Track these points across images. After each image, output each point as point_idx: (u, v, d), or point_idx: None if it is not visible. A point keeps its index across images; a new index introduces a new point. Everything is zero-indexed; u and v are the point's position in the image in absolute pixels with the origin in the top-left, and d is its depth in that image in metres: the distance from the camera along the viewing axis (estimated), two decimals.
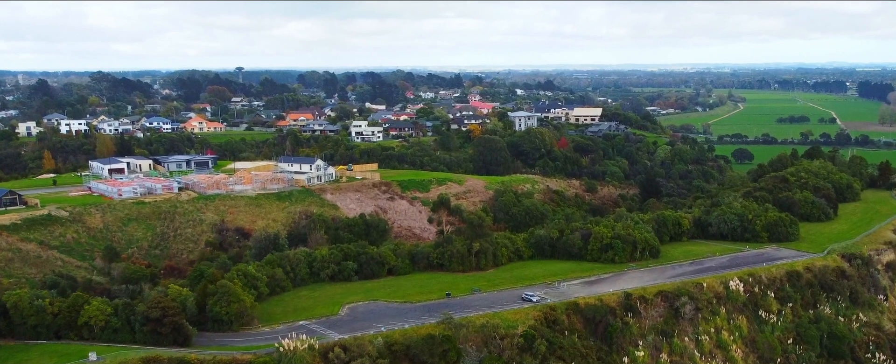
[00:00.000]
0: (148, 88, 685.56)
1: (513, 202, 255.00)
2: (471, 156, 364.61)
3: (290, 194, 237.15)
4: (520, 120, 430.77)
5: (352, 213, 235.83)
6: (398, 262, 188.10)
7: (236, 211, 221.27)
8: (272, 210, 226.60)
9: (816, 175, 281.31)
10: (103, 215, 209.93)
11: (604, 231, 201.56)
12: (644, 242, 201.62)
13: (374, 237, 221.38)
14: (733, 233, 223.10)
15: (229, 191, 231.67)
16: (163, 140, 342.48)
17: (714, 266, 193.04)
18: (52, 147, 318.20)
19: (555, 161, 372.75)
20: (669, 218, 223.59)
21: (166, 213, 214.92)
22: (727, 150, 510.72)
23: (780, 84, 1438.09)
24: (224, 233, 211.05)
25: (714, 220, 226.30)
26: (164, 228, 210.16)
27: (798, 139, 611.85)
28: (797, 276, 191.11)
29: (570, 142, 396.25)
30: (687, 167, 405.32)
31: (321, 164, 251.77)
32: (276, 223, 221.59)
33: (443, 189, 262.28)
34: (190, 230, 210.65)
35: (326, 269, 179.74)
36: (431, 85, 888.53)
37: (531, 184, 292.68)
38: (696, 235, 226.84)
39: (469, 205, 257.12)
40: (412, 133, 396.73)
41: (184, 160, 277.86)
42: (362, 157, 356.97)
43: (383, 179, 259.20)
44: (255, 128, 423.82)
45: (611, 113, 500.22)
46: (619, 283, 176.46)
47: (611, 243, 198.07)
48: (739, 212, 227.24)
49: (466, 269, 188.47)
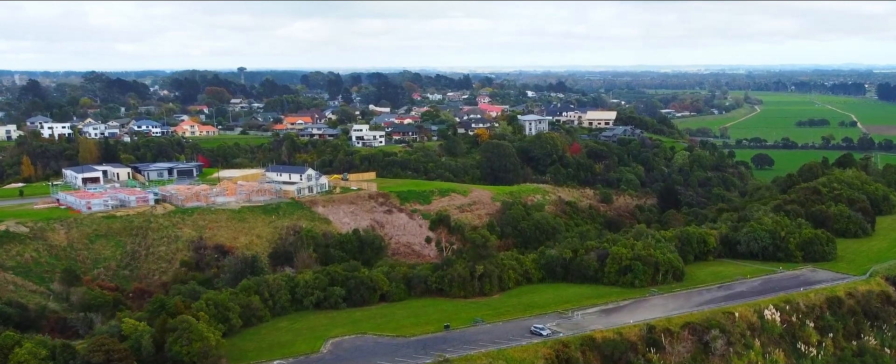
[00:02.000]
0: (144, 89, 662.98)
1: (521, 215, 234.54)
2: (478, 162, 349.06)
3: (278, 207, 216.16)
4: (530, 124, 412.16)
5: (345, 227, 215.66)
6: (392, 288, 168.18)
7: (216, 226, 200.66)
8: (257, 225, 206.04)
9: (850, 186, 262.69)
10: (68, 231, 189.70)
11: (622, 251, 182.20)
12: (667, 264, 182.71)
13: (368, 255, 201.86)
14: (764, 251, 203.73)
15: (210, 203, 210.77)
16: (151, 145, 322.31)
17: (745, 291, 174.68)
18: (31, 152, 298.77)
19: (567, 168, 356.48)
20: (694, 235, 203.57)
21: (138, 229, 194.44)
22: (746, 155, 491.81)
23: (797, 86, 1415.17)
24: (202, 251, 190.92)
25: (743, 237, 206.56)
26: (136, 246, 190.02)
27: (819, 143, 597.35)
28: (838, 302, 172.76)
29: (584, 147, 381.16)
30: (706, 174, 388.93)
31: (313, 173, 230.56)
32: (260, 240, 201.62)
33: (445, 201, 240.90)
34: (163, 248, 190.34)
35: (310, 295, 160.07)
36: (439, 86, 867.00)
37: (541, 194, 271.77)
38: (723, 254, 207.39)
39: (474, 218, 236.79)
40: (416, 138, 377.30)
41: (166, 168, 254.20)
42: (363, 164, 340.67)
43: (381, 190, 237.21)
44: (250, 132, 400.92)
45: (625, 116, 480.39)
46: (639, 311, 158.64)
47: (630, 265, 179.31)
48: (770, 228, 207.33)
49: (469, 295, 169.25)
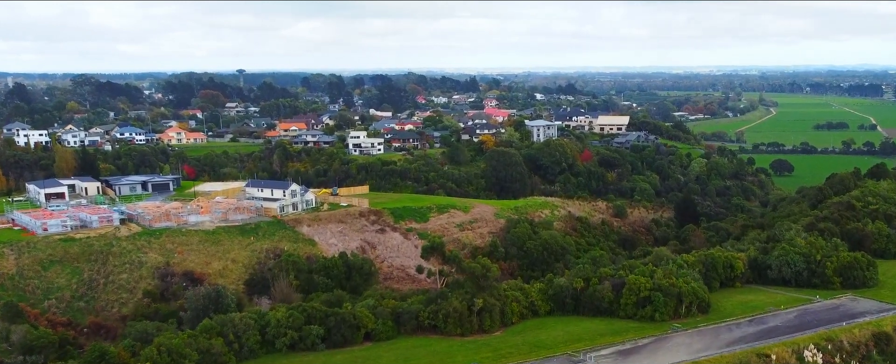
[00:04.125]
0: (136, 93, 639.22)
1: (528, 235, 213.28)
2: (483, 171, 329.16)
3: (257, 227, 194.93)
4: (538, 130, 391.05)
5: (332, 249, 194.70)
6: (378, 325, 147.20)
7: (187, 250, 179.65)
8: (233, 248, 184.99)
9: (886, 200, 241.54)
10: (18, 257, 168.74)
11: (640, 280, 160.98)
12: (691, 294, 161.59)
13: (356, 282, 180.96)
14: (798, 277, 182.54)
15: (181, 224, 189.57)
16: (133, 154, 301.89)
17: (780, 326, 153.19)
18: (4, 162, 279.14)
19: (577, 177, 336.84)
20: (720, 260, 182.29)
21: (99, 254, 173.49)
22: (764, 161, 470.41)
23: (812, 87, 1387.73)
24: (168, 279, 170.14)
25: (774, 261, 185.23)
26: (94, 274, 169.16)
27: (839, 148, 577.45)
28: (886, 339, 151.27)
29: (595, 154, 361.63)
30: (724, 183, 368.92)
31: (297, 188, 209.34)
32: (235, 265, 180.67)
33: (444, 218, 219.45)
34: (125, 276, 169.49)
35: (284, 336, 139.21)
36: (445, 89, 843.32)
37: (550, 209, 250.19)
38: (751, 279, 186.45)
39: (475, 237, 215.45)
40: (417, 145, 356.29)
41: (139, 182, 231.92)
42: (360, 173, 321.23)
43: (373, 207, 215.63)
44: (241, 139, 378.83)
45: (639, 121, 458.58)
46: (661, 353, 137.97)
47: (650, 296, 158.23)
48: (804, 251, 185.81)
49: (466, 333, 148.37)
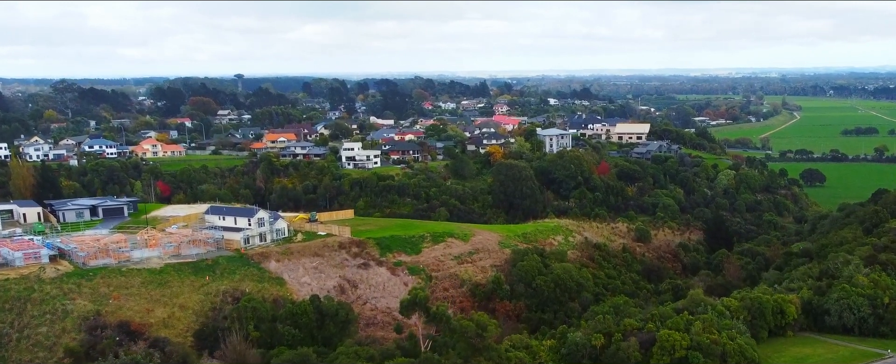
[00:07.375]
0: (122, 99, 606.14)
1: (537, 269, 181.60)
2: (490, 186, 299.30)
3: (215, 263, 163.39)
4: (551, 140, 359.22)
5: (304, 290, 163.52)
6: None
7: (125, 294, 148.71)
8: (183, 290, 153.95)
9: None
10: None
11: (675, 337, 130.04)
12: (737, 354, 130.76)
13: (329, 332, 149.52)
14: (862, 325, 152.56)
15: (122, 261, 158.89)
16: (101, 169, 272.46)
17: None
18: None
19: (594, 192, 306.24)
20: (769, 305, 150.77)
21: (15, 301, 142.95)
22: (793, 170, 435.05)
23: (835, 90, 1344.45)
24: (98, 332, 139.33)
25: (834, 305, 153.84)
26: (7, 327, 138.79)
27: (871, 155, 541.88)
28: None
29: (613, 167, 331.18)
30: (755, 197, 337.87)
31: (265, 216, 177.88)
32: (184, 312, 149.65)
33: (439, 249, 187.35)
34: (45, 329, 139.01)
35: None
36: (453, 94, 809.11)
37: (563, 235, 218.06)
38: (805, 327, 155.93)
39: (476, 271, 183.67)
40: (418, 157, 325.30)
41: (87, 207, 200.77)
42: (353, 190, 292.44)
43: (355, 237, 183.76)
44: (223, 151, 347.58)
45: (660, 129, 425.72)
46: None
47: (686, 357, 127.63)
48: (868, 291, 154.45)
49: None
